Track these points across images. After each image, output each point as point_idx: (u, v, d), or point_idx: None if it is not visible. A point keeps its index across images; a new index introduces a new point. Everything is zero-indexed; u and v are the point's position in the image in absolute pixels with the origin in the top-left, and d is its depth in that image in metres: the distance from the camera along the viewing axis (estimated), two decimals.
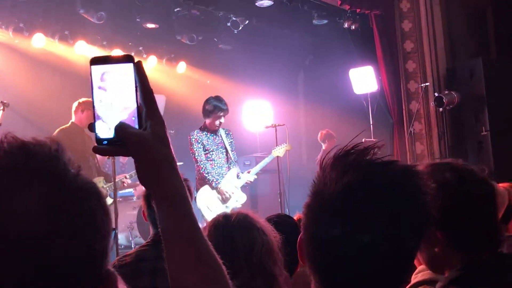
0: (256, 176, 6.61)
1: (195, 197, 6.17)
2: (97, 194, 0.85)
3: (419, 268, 1.74)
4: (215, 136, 6.30)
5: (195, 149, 6.18)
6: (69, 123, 5.98)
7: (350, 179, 1.06)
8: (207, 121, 6.29)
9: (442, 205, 1.56)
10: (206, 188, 6.20)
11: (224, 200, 6.21)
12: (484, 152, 7.57)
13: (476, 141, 7.74)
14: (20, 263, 0.75)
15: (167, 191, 0.96)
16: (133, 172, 6.94)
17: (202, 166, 6.16)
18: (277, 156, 6.80)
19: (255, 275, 1.70)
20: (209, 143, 6.24)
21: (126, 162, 7.77)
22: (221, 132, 6.38)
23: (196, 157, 6.18)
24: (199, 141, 6.20)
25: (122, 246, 6.99)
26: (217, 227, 1.77)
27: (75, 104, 6.03)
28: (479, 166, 1.70)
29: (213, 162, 6.24)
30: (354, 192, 1.06)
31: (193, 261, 0.96)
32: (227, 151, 6.38)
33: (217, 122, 6.23)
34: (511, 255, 1.80)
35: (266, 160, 6.82)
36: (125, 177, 6.43)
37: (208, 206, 6.14)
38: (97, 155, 6.50)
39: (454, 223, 1.58)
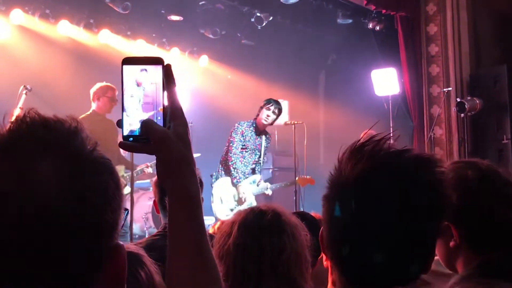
0: (271, 192, 6.55)
1: (213, 183, 6.24)
2: (110, 169, 0.89)
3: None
4: (257, 137, 6.32)
5: (236, 139, 6.18)
6: (90, 111, 6.04)
7: (364, 166, 1.07)
8: (257, 117, 6.29)
9: (460, 201, 1.54)
10: (228, 180, 6.24)
11: (238, 201, 6.23)
12: (504, 160, 7.47)
13: (497, 148, 7.65)
14: (31, 228, 0.78)
15: (182, 192, 0.99)
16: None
17: (233, 159, 6.18)
18: (297, 179, 6.73)
19: (280, 285, 1.64)
20: (250, 141, 6.26)
21: None
22: (263, 136, 6.40)
23: (232, 148, 6.17)
24: (244, 134, 6.20)
25: (137, 236, 7.03)
26: (247, 227, 1.67)
27: (91, 93, 6.07)
28: (506, 169, 1.67)
29: (244, 159, 6.26)
30: (368, 178, 1.07)
31: (192, 265, 0.98)
32: (260, 155, 6.41)
33: (264, 115, 6.19)
34: None
35: (287, 184, 6.84)
36: (147, 166, 6.45)
37: (221, 197, 6.19)
38: None
39: (469, 221, 1.56)
